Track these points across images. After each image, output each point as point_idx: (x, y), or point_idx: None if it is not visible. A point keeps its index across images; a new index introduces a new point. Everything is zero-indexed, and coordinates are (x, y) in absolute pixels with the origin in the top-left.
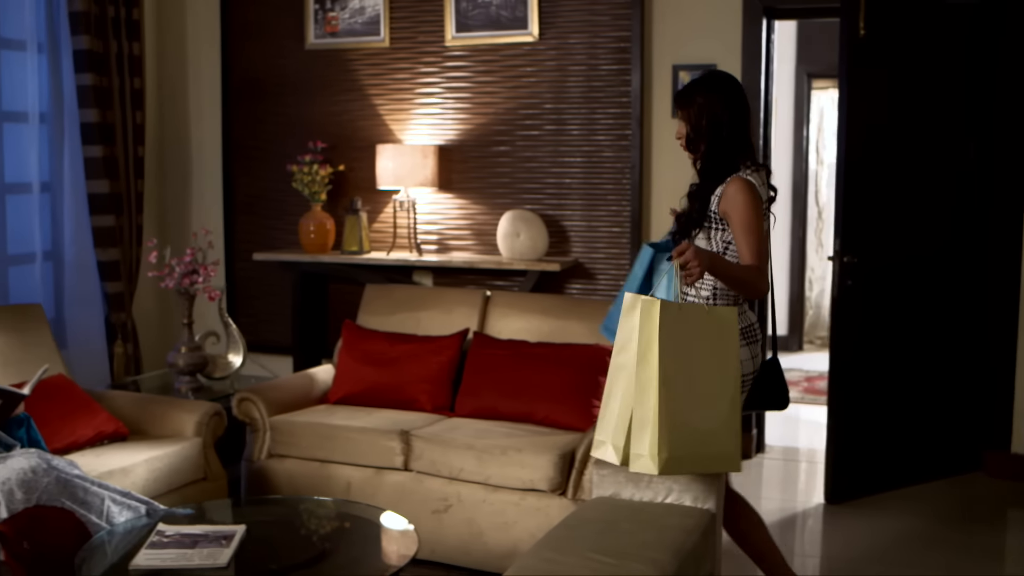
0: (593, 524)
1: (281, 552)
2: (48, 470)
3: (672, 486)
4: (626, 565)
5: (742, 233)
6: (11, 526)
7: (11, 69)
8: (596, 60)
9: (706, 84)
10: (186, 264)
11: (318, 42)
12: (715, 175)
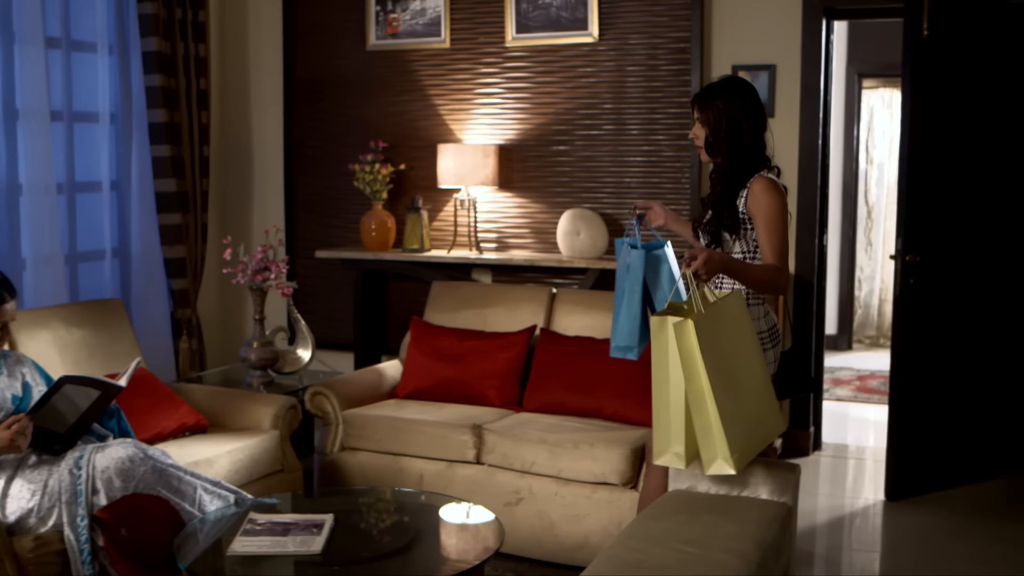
0: (674, 516)
1: (370, 541)
2: (145, 459)
3: (748, 479)
4: (712, 555)
5: (765, 231)
6: (110, 513)
7: (83, 71)
8: (656, 60)
9: (726, 88)
10: (258, 261)
11: (379, 43)
12: (737, 180)
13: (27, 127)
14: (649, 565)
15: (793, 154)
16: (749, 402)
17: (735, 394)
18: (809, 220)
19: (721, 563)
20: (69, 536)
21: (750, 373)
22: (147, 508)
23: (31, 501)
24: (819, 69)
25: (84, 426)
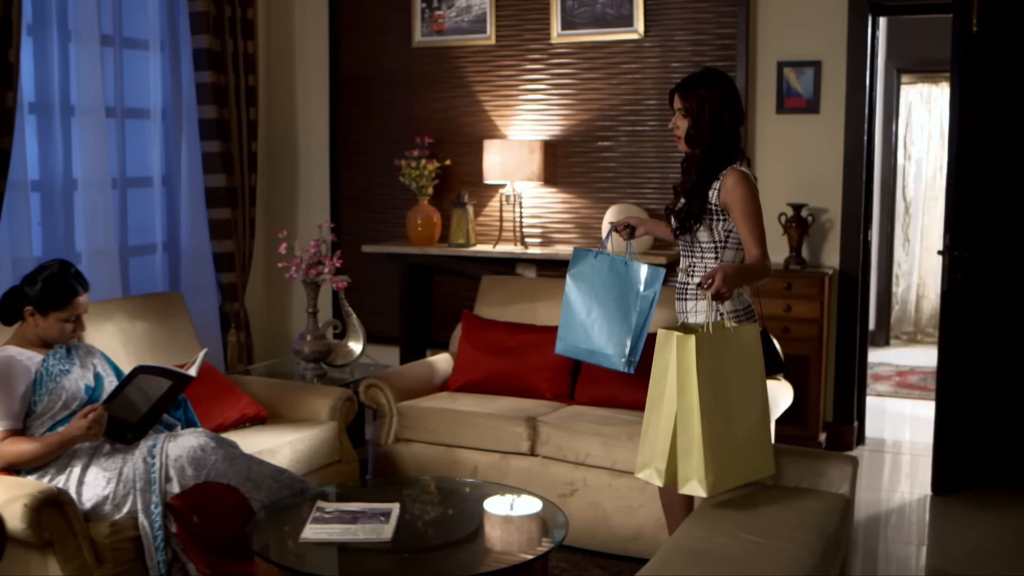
0: (734, 507)
1: (436, 529)
2: (216, 448)
3: (806, 472)
4: (777, 545)
5: (744, 222)
6: (183, 501)
7: (134, 68)
8: (701, 56)
9: (708, 80)
10: (311, 255)
11: (425, 40)
12: (711, 171)
13: (82, 123)
14: (717, 554)
15: (838, 150)
16: (739, 431)
17: (725, 419)
18: (854, 216)
19: (787, 552)
20: (143, 523)
21: (747, 405)
22: (218, 496)
23: (106, 488)
24: (864, 65)
25: (155, 416)
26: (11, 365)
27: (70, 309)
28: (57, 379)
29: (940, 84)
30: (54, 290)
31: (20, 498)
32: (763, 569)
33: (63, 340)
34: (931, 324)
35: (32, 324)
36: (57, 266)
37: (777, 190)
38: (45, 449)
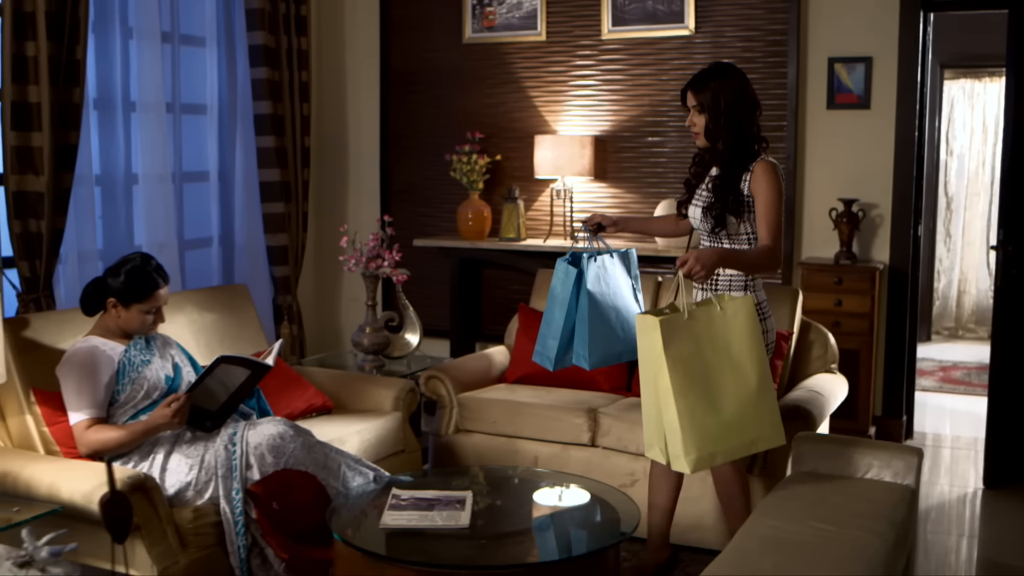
0: (802, 496)
1: (509, 516)
2: (295, 436)
3: (872, 462)
4: (849, 533)
5: (764, 212)
6: (262, 487)
7: (191, 64)
8: (752, 53)
9: (719, 74)
10: (371, 249)
11: (475, 36)
12: (739, 163)
13: (143, 119)
14: (790, 543)
15: (889, 146)
16: (727, 408)
17: (707, 398)
18: (904, 211)
19: (860, 540)
20: (225, 508)
21: (738, 380)
22: (296, 483)
23: (189, 475)
24: (916, 61)
25: (233, 404)
26: (95, 356)
27: (151, 301)
28: (139, 369)
29: (983, 79)
30: (136, 282)
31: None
32: (838, 557)
33: (143, 331)
34: (972, 320)
35: (114, 315)
36: (139, 259)
37: (828, 185)
38: (130, 436)
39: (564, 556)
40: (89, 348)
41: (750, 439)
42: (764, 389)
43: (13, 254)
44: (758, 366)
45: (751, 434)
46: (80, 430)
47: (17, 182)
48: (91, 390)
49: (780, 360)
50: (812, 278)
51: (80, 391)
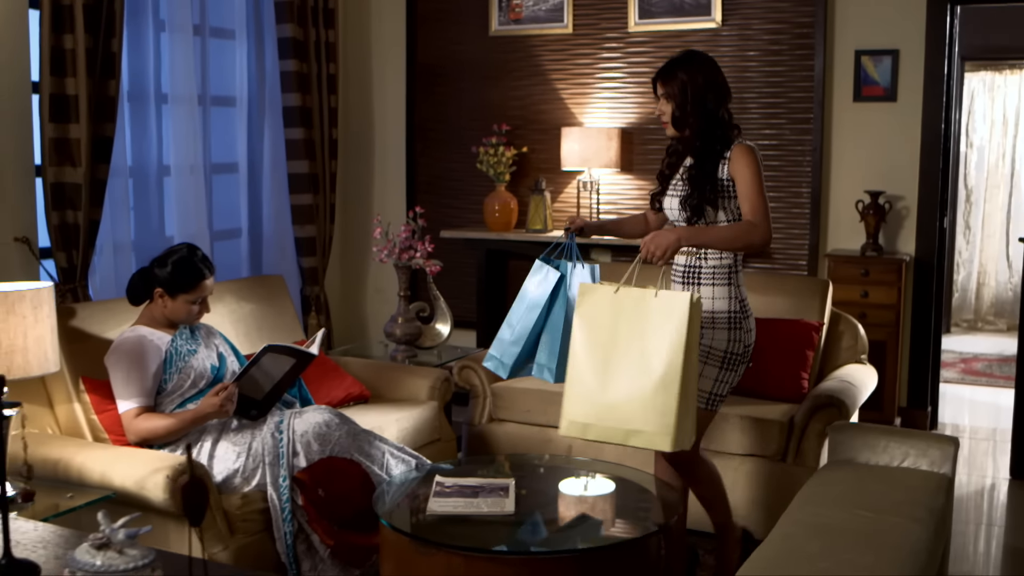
0: (841, 484)
1: (553, 503)
2: (340, 424)
3: (908, 451)
4: (891, 520)
5: (745, 191)
6: (308, 474)
7: (220, 56)
8: (778, 45)
9: (687, 62)
10: (403, 240)
11: (502, 28)
12: (712, 152)
13: (174, 111)
14: (835, 528)
15: (915, 138)
16: (614, 390)
17: (600, 372)
18: (930, 204)
19: (903, 527)
20: (272, 495)
21: (636, 369)
22: (341, 470)
23: (236, 462)
24: (943, 54)
25: (278, 393)
26: (143, 345)
27: (197, 291)
28: (185, 359)
29: (1003, 72)
30: (183, 273)
31: (162, 470)
32: (882, 543)
33: (189, 321)
34: (991, 312)
35: (160, 305)
36: (186, 250)
37: (854, 177)
38: (179, 424)
39: (609, 543)
40: (137, 337)
41: (628, 429)
42: (663, 389)
43: (51, 245)
44: (667, 365)
45: (631, 425)
46: (129, 418)
47: (55, 173)
48: (140, 378)
49: (811, 351)
50: (839, 270)
51: (129, 380)
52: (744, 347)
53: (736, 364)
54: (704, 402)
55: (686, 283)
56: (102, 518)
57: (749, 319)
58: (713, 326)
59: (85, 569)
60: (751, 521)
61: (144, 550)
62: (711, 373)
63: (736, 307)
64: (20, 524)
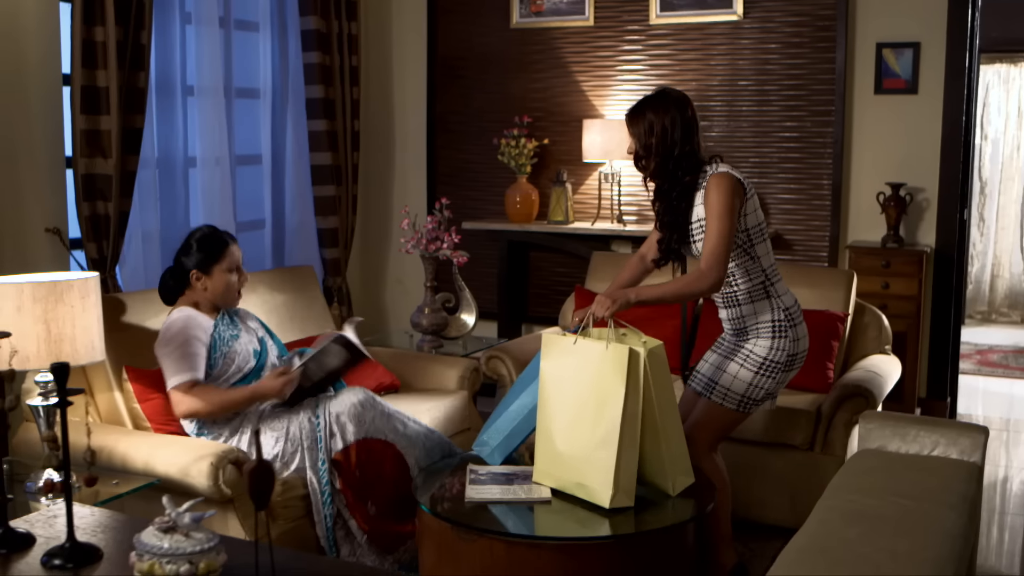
0: (874, 472)
1: None
2: (374, 404)
3: (939, 440)
4: (926, 507)
5: (712, 220)
6: (344, 456)
7: (245, 49)
8: (800, 38)
9: (657, 101)
10: (429, 231)
11: (523, 21)
12: (683, 189)
13: (200, 103)
14: (872, 515)
15: (936, 131)
16: (562, 444)
17: (559, 424)
18: (951, 196)
19: (938, 514)
20: (311, 479)
21: (583, 425)
22: (377, 451)
23: (276, 447)
24: (964, 46)
25: (324, 385)
26: (193, 322)
27: (228, 258)
28: (229, 344)
29: (1019, 64)
30: (209, 245)
31: (206, 457)
32: (920, 528)
33: (231, 294)
34: (1006, 304)
35: (200, 289)
36: (203, 227)
37: (875, 169)
38: (233, 399)
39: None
40: (186, 316)
41: (576, 482)
42: (604, 445)
43: (81, 236)
44: (607, 421)
45: (578, 478)
46: (180, 392)
47: (86, 165)
48: (191, 354)
49: (837, 341)
50: (860, 261)
51: (182, 355)
52: (788, 356)
53: (774, 371)
54: (736, 404)
55: (728, 306)
56: (167, 503)
57: (796, 328)
58: (758, 335)
59: (153, 552)
60: (779, 510)
61: (208, 533)
62: (745, 376)
63: (779, 316)
64: (77, 509)
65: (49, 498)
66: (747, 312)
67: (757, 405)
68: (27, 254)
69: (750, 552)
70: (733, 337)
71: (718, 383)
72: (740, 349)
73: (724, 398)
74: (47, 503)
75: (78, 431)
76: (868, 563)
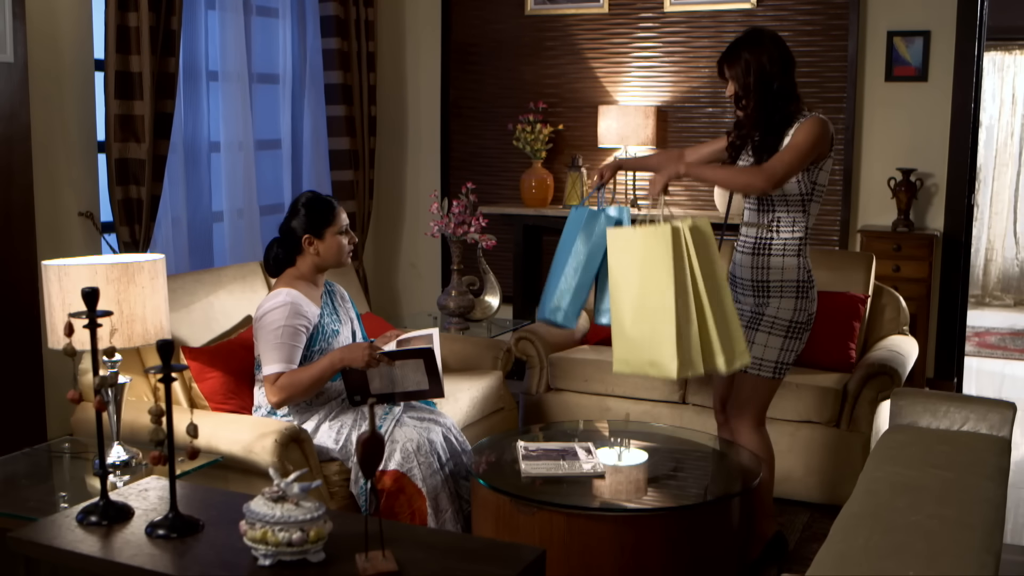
0: (910, 447)
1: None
2: (428, 453)
3: (968, 415)
4: (964, 478)
5: (790, 148)
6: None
7: (265, 35)
8: (812, 26)
9: (751, 40)
10: (457, 215)
11: (538, 8)
12: (774, 126)
13: (224, 88)
14: (914, 486)
15: (945, 118)
16: (639, 324)
17: (630, 309)
18: (959, 181)
19: (979, 485)
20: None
21: (650, 302)
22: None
23: (333, 449)
24: (974, 35)
25: (388, 400)
26: (300, 309)
27: (338, 220)
28: (329, 339)
29: (1013, 52)
30: (319, 208)
31: (270, 435)
32: (964, 498)
33: (342, 255)
34: (999, 287)
35: (312, 253)
36: (308, 193)
37: (885, 155)
38: (320, 371)
39: (697, 501)
40: (292, 303)
41: (646, 360)
42: (663, 319)
43: (113, 219)
44: (661, 296)
45: (648, 356)
46: (272, 381)
47: (120, 149)
48: (294, 345)
49: (857, 322)
50: (872, 245)
51: (281, 345)
52: (808, 315)
53: (800, 332)
54: (771, 371)
55: (756, 254)
56: (274, 473)
57: (813, 289)
58: (781, 295)
59: (265, 520)
60: (806, 485)
61: (315, 503)
62: (776, 343)
63: (804, 276)
64: (162, 482)
65: (117, 475)
66: (775, 264)
67: (789, 369)
68: (61, 238)
69: (779, 525)
70: (750, 299)
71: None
72: (763, 317)
73: (760, 368)
74: (114, 481)
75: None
76: (920, 529)
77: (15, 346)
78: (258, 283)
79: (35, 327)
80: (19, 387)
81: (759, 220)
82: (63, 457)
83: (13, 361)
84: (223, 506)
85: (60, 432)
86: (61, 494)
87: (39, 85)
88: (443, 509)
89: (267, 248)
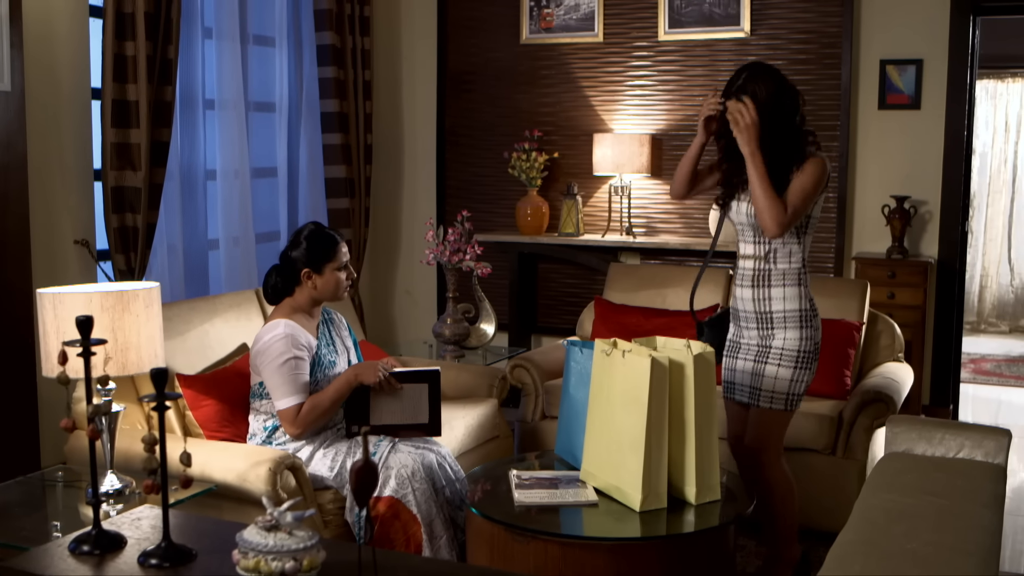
0: (906, 474)
1: None
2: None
3: (964, 442)
4: (960, 505)
5: (793, 192)
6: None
7: (262, 63)
8: (806, 55)
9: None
10: (452, 243)
11: (533, 37)
12: (785, 160)
13: (221, 117)
14: (912, 513)
15: (938, 145)
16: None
17: (600, 431)
18: (954, 208)
19: (974, 512)
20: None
21: (620, 429)
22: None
23: (326, 477)
24: (965, 64)
25: (390, 431)
26: (298, 340)
27: (338, 257)
28: (326, 370)
29: (1006, 80)
30: (321, 243)
31: (264, 463)
32: (960, 525)
33: (339, 292)
34: (994, 314)
35: (309, 287)
36: (311, 225)
37: (879, 182)
38: (336, 392)
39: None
40: (291, 335)
41: (612, 484)
42: (632, 450)
43: (109, 247)
44: (633, 427)
45: (614, 480)
46: (292, 414)
47: (116, 177)
48: (300, 375)
49: (853, 349)
50: (866, 272)
51: (291, 378)
52: (814, 344)
53: (809, 362)
54: (783, 403)
55: (756, 285)
56: (267, 502)
57: (817, 317)
58: (785, 325)
59: (258, 549)
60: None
61: (309, 532)
62: (786, 374)
63: (807, 305)
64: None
65: (111, 504)
66: (776, 295)
67: (799, 400)
68: (56, 265)
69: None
70: (755, 331)
71: (762, 388)
72: (770, 349)
73: (772, 400)
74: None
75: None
76: (916, 556)
77: (9, 374)
78: (253, 311)
79: (29, 355)
80: (13, 415)
81: (755, 252)
82: (56, 485)
83: (7, 389)
84: (216, 535)
85: (54, 460)
86: (54, 523)
87: (36, 113)
88: (438, 535)
89: (266, 275)
